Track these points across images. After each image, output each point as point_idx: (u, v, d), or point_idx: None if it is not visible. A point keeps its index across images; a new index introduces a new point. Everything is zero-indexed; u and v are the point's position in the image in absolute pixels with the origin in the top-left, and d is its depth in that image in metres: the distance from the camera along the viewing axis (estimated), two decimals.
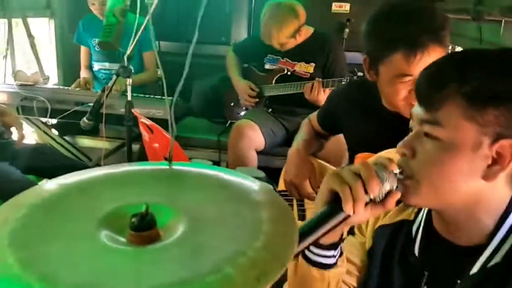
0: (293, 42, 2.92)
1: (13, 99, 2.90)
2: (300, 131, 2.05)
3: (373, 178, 0.83)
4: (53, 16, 3.79)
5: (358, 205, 0.82)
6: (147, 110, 2.77)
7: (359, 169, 0.85)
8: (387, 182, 0.85)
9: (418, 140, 0.86)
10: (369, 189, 0.83)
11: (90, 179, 0.79)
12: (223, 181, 0.80)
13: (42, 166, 2.57)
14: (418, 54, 1.36)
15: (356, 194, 0.82)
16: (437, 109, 0.82)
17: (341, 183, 0.84)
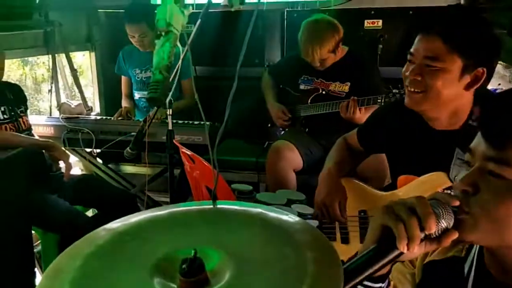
0: (333, 58, 2.93)
1: (59, 132, 3.03)
2: (332, 151, 2.05)
3: (430, 215, 0.78)
4: (94, 49, 3.95)
5: (412, 244, 0.78)
6: (187, 136, 2.84)
7: (414, 204, 0.80)
8: (443, 219, 0.81)
9: (482, 177, 0.82)
10: (426, 226, 0.78)
11: (139, 223, 0.83)
12: (266, 220, 0.82)
13: (89, 197, 2.67)
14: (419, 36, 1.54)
15: (411, 232, 0.78)
16: (504, 148, 0.78)
17: (395, 219, 0.80)
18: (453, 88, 1.51)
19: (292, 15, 3.71)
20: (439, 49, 1.47)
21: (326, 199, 1.88)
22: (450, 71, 1.48)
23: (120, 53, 3.50)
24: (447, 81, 1.49)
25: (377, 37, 3.50)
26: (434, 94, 1.52)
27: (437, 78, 1.50)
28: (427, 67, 1.51)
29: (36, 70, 7.30)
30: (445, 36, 1.46)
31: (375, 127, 1.90)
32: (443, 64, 1.48)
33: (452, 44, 1.46)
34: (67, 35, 3.55)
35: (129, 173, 3.53)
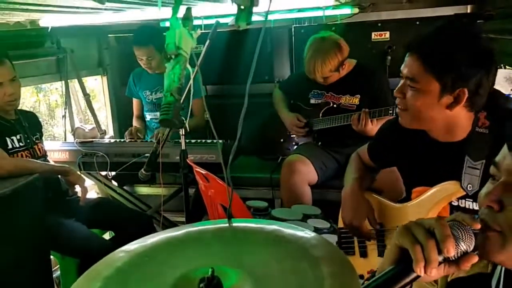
0: (337, 75, 2.95)
1: (75, 156, 3.07)
2: (350, 167, 2.03)
3: (449, 237, 0.76)
4: (105, 73, 4.02)
5: (430, 267, 0.76)
6: (200, 155, 2.86)
7: (433, 226, 0.78)
8: (463, 241, 0.78)
9: (507, 192, 0.80)
10: (445, 250, 0.76)
11: (156, 244, 0.84)
12: (282, 237, 0.82)
13: (105, 220, 2.69)
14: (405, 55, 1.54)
15: (428, 255, 0.76)
16: None
17: (412, 242, 0.77)
18: (434, 108, 1.50)
19: (300, 31, 3.74)
20: (417, 70, 1.48)
21: (354, 220, 1.85)
22: (428, 92, 1.47)
23: (131, 76, 3.56)
24: (426, 102, 1.49)
25: (385, 49, 3.51)
26: (416, 113, 1.54)
27: (415, 98, 1.51)
28: (408, 86, 1.53)
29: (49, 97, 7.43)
30: (424, 56, 1.46)
31: (383, 143, 1.90)
32: (420, 85, 1.48)
33: (429, 65, 1.45)
34: (79, 60, 3.62)
35: (144, 195, 3.55)
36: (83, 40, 3.80)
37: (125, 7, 1.85)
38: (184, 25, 0.86)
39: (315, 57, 2.86)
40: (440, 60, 1.44)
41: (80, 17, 2.46)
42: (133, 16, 2.59)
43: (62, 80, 3.53)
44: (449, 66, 1.43)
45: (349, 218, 1.86)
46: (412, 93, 1.51)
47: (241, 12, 0.88)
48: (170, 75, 0.87)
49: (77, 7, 1.75)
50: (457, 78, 1.43)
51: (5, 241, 1.98)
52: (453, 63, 1.43)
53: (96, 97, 5.62)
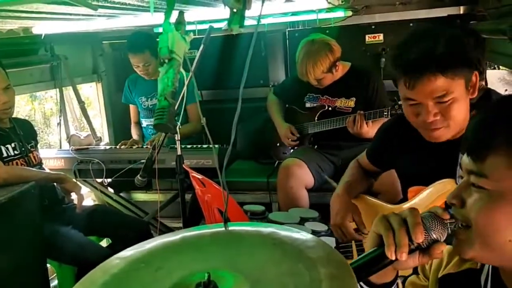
0: (331, 77, 2.95)
1: (70, 164, 3.06)
2: (345, 173, 2.05)
3: (418, 225, 0.83)
4: (100, 80, 4.01)
5: (401, 251, 0.82)
6: (196, 160, 2.85)
7: (406, 215, 0.85)
8: (434, 231, 0.85)
9: (466, 190, 0.86)
10: (413, 236, 0.83)
11: (152, 250, 0.83)
12: (278, 239, 0.82)
13: (102, 227, 2.68)
14: (413, 81, 1.44)
15: (398, 240, 0.83)
16: (483, 160, 0.81)
17: (386, 228, 0.85)
18: (466, 105, 1.50)
19: (294, 35, 3.76)
20: (444, 84, 1.43)
21: (337, 220, 1.88)
22: (459, 95, 1.46)
23: (126, 82, 3.55)
24: (461, 104, 1.48)
25: (379, 51, 3.53)
26: (455, 122, 1.50)
27: (453, 108, 1.47)
28: (439, 104, 1.47)
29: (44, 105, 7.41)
30: (442, 69, 1.41)
31: (382, 145, 1.91)
32: (453, 94, 1.45)
33: (450, 73, 1.43)
34: (73, 68, 3.61)
35: (141, 201, 3.54)
36: (77, 47, 3.79)
37: (118, 13, 1.85)
38: (177, 29, 0.86)
39: (307, 59, 2.87)
40: (457, 61, 1.43)
41: (73, 24, 2.45)
42: (126, 22, 2.58)
43: (57, 87, 3.52)
44: (464, 60, 1.45)
45: (333, 220, 1.88)
46: (447, 107, 1.47)
47: (233, 15, 0.88)
48: (163, 79, 0.87)
49: (70, 13, 1.74)
50: (471, 66, 1.46)
51: (1, 249, 1.96)
52: (465, 55, 1.45)
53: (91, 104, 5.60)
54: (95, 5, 1.24)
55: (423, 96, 1.46)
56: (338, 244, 1.95)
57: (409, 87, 1.46)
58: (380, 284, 0.93)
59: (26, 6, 1.48)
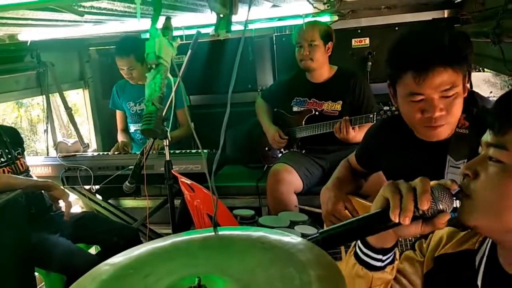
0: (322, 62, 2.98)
1: (58, 171, 3.04)
2: (335, 171, 2.06)
3: (425, 193, 0.84)
4: (87, 86, 3.99)
5: (404, 215, 0.83)
6: (185, 165, 2.85)
7: (416, 183, 0.86)
8: (441, 201, 0.85)
9: (482, 163, 0.87)
10: (420, 203, 0.83)
11: (141, 256, 0.83)
12: (268, 243, 0.82)
13: (90, 234, 2.66)
14: (423, 74, 1.43)
15: (404, 204, 0.83)
16: (503, 133, 0.82)
17: (393, 192, 0.86)
18: (462, 104, 1.51)
19: (281, 40, 3.78)
20: (451, 77, 1.44)
21: (328, 207, 1.88)
22: (460, 91, 1.48)
23: (114, 87, 3.54)
24: (460, 102, 1.50)
25: (366, 55, 3.56)
26: (455, 119, 1.52)
27: (456, 103, 1.48)
28: (444, 98, 1.47)
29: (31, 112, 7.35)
30: (450, 62, 1.43)
31: (370, 147, 1.92)
32: (457, 89, 1.46)
33: (456, 65, 1.44)
34: (60, 74, 3.59)
35: (130, 207, 3.52)
36: (64, 53, 3.77)
37: (105, 19, 1.84)
38: (164, 35, 0.86)
39: (304, 25, 2.94)
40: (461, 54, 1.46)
41: (59, 30, 2.44)
42: (113, 28, 2.57)
43: (43, 94, 3.49)
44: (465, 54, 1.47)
45: (325, 209, 1.89)
46: (452, 101, 1.47)
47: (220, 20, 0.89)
48: (151, 84, 0.87)
49: (56, 20, 1.73)
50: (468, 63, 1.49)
51: None
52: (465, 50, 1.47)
53: (79, 111, 5.57)
54: (81, 11, 1.24)
55: (431, 90, 1.46)
56: None
57: (418, 81, 1.45)
58: (378, 248, 0.94)
59: (11, 12, 1.48)
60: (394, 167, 1.78)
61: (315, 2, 2.44)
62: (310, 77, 3.08)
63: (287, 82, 3.25)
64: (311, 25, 2.94)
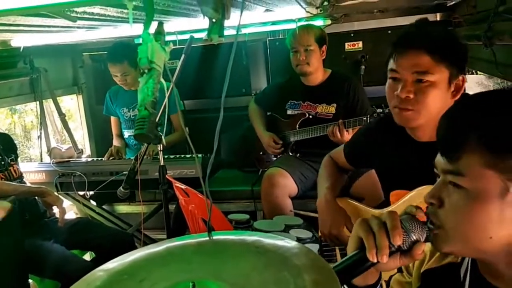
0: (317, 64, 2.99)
1: (51, 177, 3.02)
2: (321, 173, 2.04)
3: (396, 228, 0.84)
4: (81, 92, 3.98)
5: (381, 254, 0.84)
6: (180, 170, 2.84)
7: (385, 219, 0.87)
8: (413, 232, 0.86)
9: (444, 189, 0.86)
10: (392, 239, 0.84)
11: (135, 261, 0.83)
12: (263, 247, 0.82)
13: (85, 240, 2.64)
14: (402, 52, 1.53)
15: (379, 242, 0.84)
16: (457, 159, 0.82)
17: (366, 231, 0.86)
18: (443, 99, 1.52)
19: (274, 44, 3.79)
20: (427, 62, 1.48)
21: (332, 229, 1.87)
22: (439, 83, 1.50)
23: (107, 94, 3.53)
24: (438, 94, 1.51)
25: (359, 58, 3.57)
26: (427, 109, 1.53)
27: (428, 93, 1.50)
28: (417, 82, 1.51)
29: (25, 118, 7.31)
30: (431, 48, 1.48)
31: (362, 145, 1.92)
32: (433, 77, 1.49)
33: (438, 55, 1.48)
34: (53, 80, 3.58)
35: (124, 213, 3.51)
36: (57, 59, 3.76)
37: (98, 24, 1.84)
38: (156, 40, 0.86)
39: (298, 28, 2.95)
40: (448, 47, 1.49)
41: (52, 36, 2.43)
42: (106, 34, 2.57)
43: (37, 100, 3.48)
44: (455, 52, 1.50)
45: (327, 228, 1.87)
46: (425, 89, 1.50)
47: (213, 25, 0.89)
48: (143, 89, 0.87)
49: (48, 25, 1.73)
50: (460, 64, 1.51)
51: None
52: (458, 49, 1.51)
53: (73, 117, 5.55)
54: (74, 17, 1.24)
55: (404, 68, 1.52)
56: (321, 249, 1.95)
57: (396, 58, 1.53)
58: (363, 286, 0.93)
59: (3, 19, 1.47)
60: (387, 167, 1.78)
61: (307, 6, 2.45)
62: (304, 80, 3.09)
63: (281, 86, 3.26)
64: (306, 29, 2.95)
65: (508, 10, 1.68)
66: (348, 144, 2.04)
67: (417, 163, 1.63)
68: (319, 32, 2.98)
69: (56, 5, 1.05)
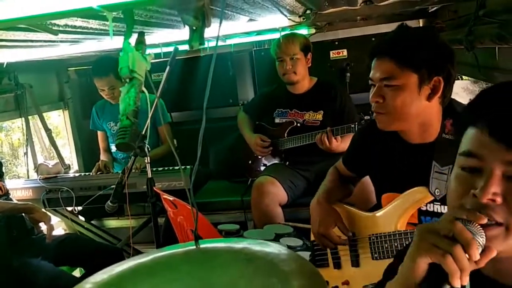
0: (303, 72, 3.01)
1: (39, 193, 2.98)
2: (324, 181, 2.06)
3: (473, 242, 0.73)
4: (67, 107, 3.96)
5: (464, 275, 0.73)
6: (168, 183, 2.82)
7: (449, 230, 0.75)
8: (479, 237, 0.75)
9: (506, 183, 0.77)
10: (471, 255, 0.73)
11: (124, 273, 0.82)
12: (251, 254, 0.82)
13: (73, 256, 2.61)
14: (371, 61, 1.63)
15: (461, 264, 0.72)
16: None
17: (441, 254, 0.73)
18: (415, 102, 1.55)
19: (260, 54, 3.81)
20: (392, 68, 1.54)
21: (320, 229, 1.87)
22: (407, 86, 1.53)
23: (94, 108, 3.51)
24: (407, 97, 1.54)
25: (344, 66, 3.61)
26: (398, 112, 1.57)
27: (396, 96, 1.55)
28: (385, 87, 1.57)
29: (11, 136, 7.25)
30: (393, 55, 1.54)
31: (357, 151, 1.93)
32: (398, 81, 1.53)
33: (401, 60, 1.52)
34: (39, 96, 3.55)
35: (113, 228, 3.47)
36: (42, 74, 3.74)
37: (81, 38, 1.83)
38: (137, 49, 0.86)
39: (282, 38, 2.98)
40: (412, 53, 1.52)
41: (36, 51, 2.42)
42: (90, 47, 2.56)
43: (22, 117, 3.45)
44: (422, 57, 1.52)
45: (316, 227, 1.87)
46: (392, 93, 1.55)
47: (193, 33, 0.89)
48: (125, 98, 0.86)
49: (31, 40, 1.72)
50: (431, 68, 1.52)
51: None
52: (425, 54, 1.52)
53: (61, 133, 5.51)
54: (55, 30, 1.23)
55: (374, 75, 1.60)
56: (314, 253, 1.94)
57: (371, 67, 1.62)
58: None
59: None
60: (380, 170, 1.80)
61: (290, 15, 2.47)
62: (291, 88, 3.10)
63: (268, 95, 3.27)
64: (291, 38, 2.97)
65: (488, 13, 1.71)
66: (345, 153, 2.05)
67: (407, 165, 1.65)
68: (303, 41, 3.00)
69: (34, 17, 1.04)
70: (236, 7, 1.68)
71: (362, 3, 2.46)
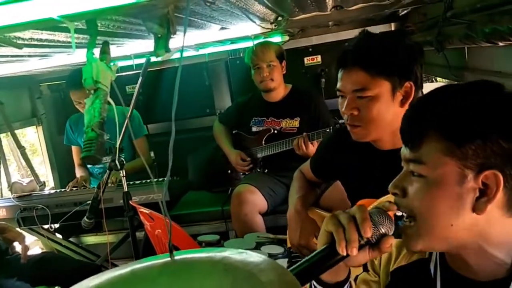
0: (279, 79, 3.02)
1: (12, 212, 2.89)
2: (293, 186, 2.05)
3: (366, 220, 0.86)
4: (40, 123, 3.88)
5: (351, 246, 0.85)
6: (146, 196, 2.77)
7: (354, 212, 0.88)
8: (382, 225, 0.88)
9: (407, 179, 0.90)
10: (362, 231, 0.85)
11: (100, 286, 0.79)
12: (230, 264, 0.80)
13: (51, 275, 2.55)
14: (342, 72, 1.55)
15: (348, 236, 0.85)
16: (418, 147, 0.86)
17: (336, 225, 0.87)
18: (390, 110, 1.52)
19: (235, 63, 3.82)
20: (363, 79, 1.49)
21: (301, 240, 1.86)
22: (381, 95, 1.50)
23: (67, 123, 3.44)
24: (382, 106, 1.51)
25: (319, 72, 3.63)
26: (374, 123, 1.54)
27: (372, 107, 1.51)
28: (358, 99, 1.52)
29: None
30: (363, 65, 1.49)
31: (326, 157, 1.92)
32: (372, 92, 1.49)
33: (372, 70, 1.48)
34: (11, 112, 3.47)
35: (92, 244, 3.40)
36: (14, 91, 3.67)
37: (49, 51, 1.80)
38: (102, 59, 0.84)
39: (257, 45, 3.00)
40: (383, 61, 1.48)
41: (5, 67, 2.36)
42: (60, 61, 2.52)
43: None
44: (393, 64, 1.48)
45: (296, 238, 1.86)
46: (367, 104, 1.51)
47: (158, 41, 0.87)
48: (89, 110, 0.84)
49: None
50: (402, 73, 1.49)
51: None
52: (395, 60, 1.49)
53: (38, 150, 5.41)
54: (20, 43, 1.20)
55: (345, 87, 1.54)
56: (291, 260, 1.93)
57: (340, 78, 1.56)
58: (333, 283, 0.94)
59: None
60: (352, 178, 1.79)
61: (262, 22, 2.47)
62: (266, 96, 3.11)
63: (244, 103, 3.27)
64: (266, 46, 2.98)
65: (455, 14, 1.73)
66: (312, 158, 2.05)
67: (381, 171, 1.64)
68: (278, 48, 3.02)
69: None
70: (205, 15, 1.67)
71: (333, 8, 2.48)
